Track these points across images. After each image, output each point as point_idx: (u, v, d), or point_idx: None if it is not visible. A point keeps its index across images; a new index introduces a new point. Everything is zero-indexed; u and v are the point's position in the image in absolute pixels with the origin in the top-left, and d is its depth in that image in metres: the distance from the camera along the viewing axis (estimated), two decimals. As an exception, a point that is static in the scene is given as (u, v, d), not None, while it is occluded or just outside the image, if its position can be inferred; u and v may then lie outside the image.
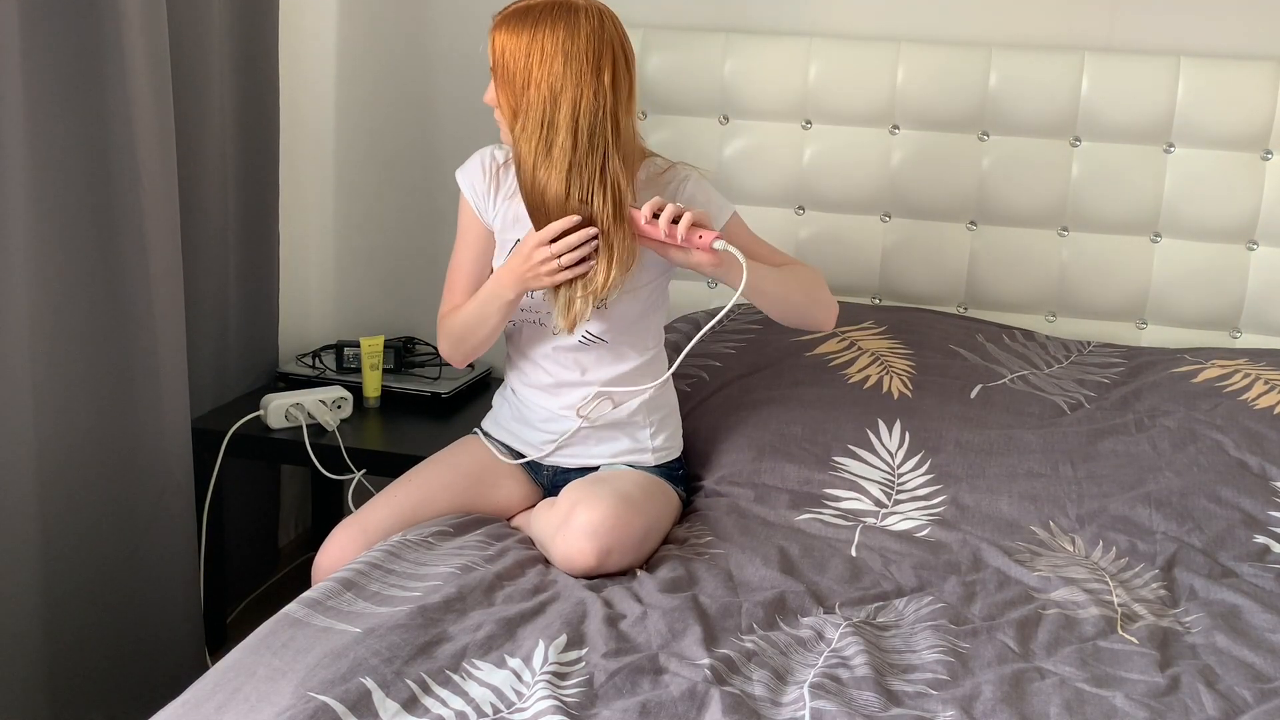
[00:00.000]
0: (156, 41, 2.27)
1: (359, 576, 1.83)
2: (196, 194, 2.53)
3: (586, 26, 1.95)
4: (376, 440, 2.62)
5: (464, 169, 2.19)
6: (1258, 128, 2.53)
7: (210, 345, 2.66)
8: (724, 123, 2.77)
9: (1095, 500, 2.17)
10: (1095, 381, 2.47)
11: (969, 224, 2.71)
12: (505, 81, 1.99)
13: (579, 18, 1.96)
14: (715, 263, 1.96)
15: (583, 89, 1.94)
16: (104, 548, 2.34)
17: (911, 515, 2.17)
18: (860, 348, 2.50)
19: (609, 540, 1.92)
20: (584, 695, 1.56)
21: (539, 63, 1.95)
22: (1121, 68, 2.58)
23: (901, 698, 1.61)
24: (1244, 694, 1.65)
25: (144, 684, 2.40)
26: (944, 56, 2.65)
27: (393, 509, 2.09)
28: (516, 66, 1.97)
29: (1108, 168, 2.62)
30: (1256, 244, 2.59)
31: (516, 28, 1.97)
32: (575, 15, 1.96)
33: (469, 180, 2.18)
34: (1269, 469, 2.18)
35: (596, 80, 1.94)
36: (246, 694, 1.52)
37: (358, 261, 3.11)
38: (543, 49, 1.95)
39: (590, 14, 1.97)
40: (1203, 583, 1.98)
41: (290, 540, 3.15)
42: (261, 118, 2.76)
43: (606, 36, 1.97)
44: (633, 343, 2.16)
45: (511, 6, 2.01)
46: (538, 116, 1.95)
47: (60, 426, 2.22)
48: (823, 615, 1.84)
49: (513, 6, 2.01)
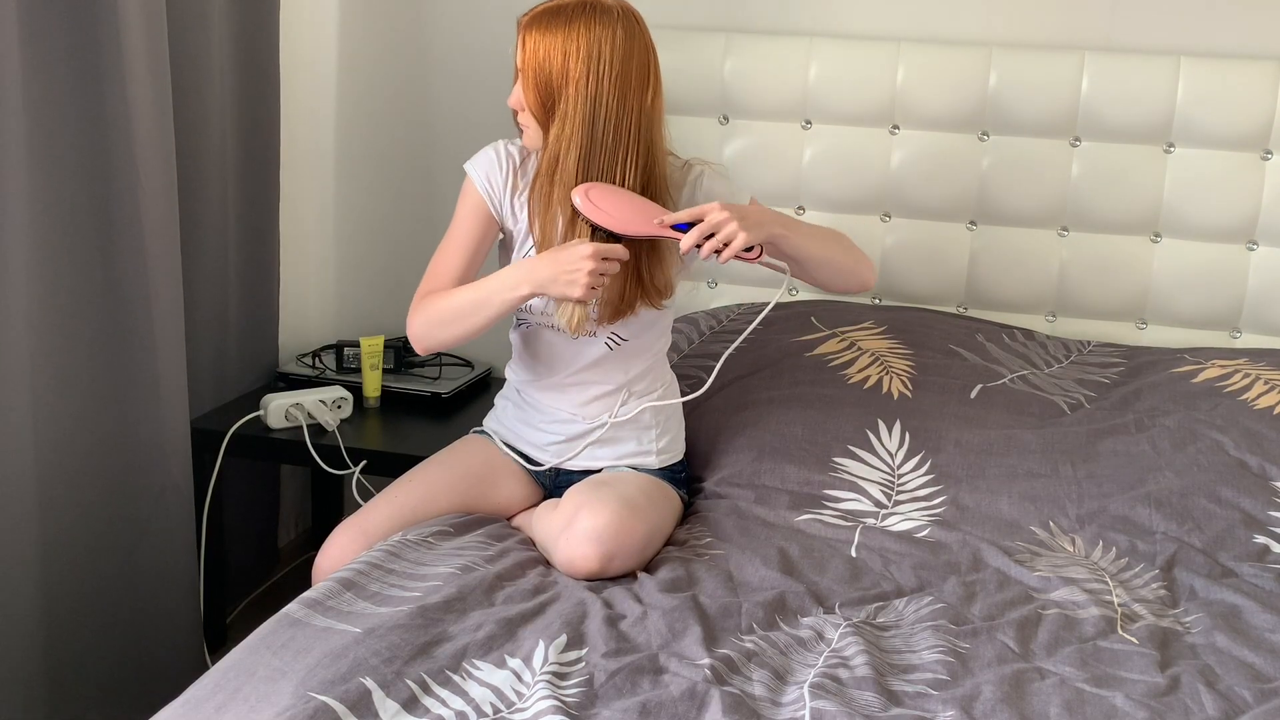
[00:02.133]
0: (156, 41, 2.26)
1: (359, 576, 1.83)
2: (196, 194, 2.53)
3: (622, 25, 1.97)
4: (376, 440, 2.62)
5: (476, 162, 2.15)
6: (1258, 128, 2.53)
7: (210, 345, 2.66)
8: (724, 123, 2.77)
9: (1095, 500, 2.17)
10: (1095, 381, 2.47)
11: (969, 224, 2.71)
12: (540, 82, 1.98)
13: (612, 15, 1.97)
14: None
15: (626, 90, 1.96)
16: (103, 548, 2.34)
17: (911, 516, 2.17)
18: (860, 348, 2.50)
19: (612, 545, 1.92)
20: (584, 695, 1.56)
21: (576, 61, 1.95)
22: (1121, 68, 2.58)
23: (901, 698, 1.61)
24: (1244, 694, 1.65)
25: (144, 684, 2.40)
26: (944, 56, 2.65)
27: (393, 509, 2.09)
28: (553, 65, 1.96)
29: (1108, 168, 2.62)
30: (1256, 244, 2.59)
31: (549, 26, 1.97)
32: (609, 13, 1.97)
33: (484, 173, 2.13)
34: (1269, 469, 2.18)
35: (635, 80, 1.97)
36: (246, 694, 1.52)
37: (358, 261, 3.11)
38: (579, 47, 1.95)
39: (622, 14, 1.99)
40: (1203, 583, 1.98)
41: (290, 540, 3.15)
42: (261, 118, 2.76)
43: (640, 37, 1.99)
44: (649, 344, 2.16)
45: (541, 6, 2.01)
46: (579, 116, 1.95)
47: (59, 427, 2.22)
48: (823, 615, 1.84)
49: (542, 6, 2.01)
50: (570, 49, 1.95)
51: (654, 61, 2.02)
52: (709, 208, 1.94)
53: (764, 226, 1.98)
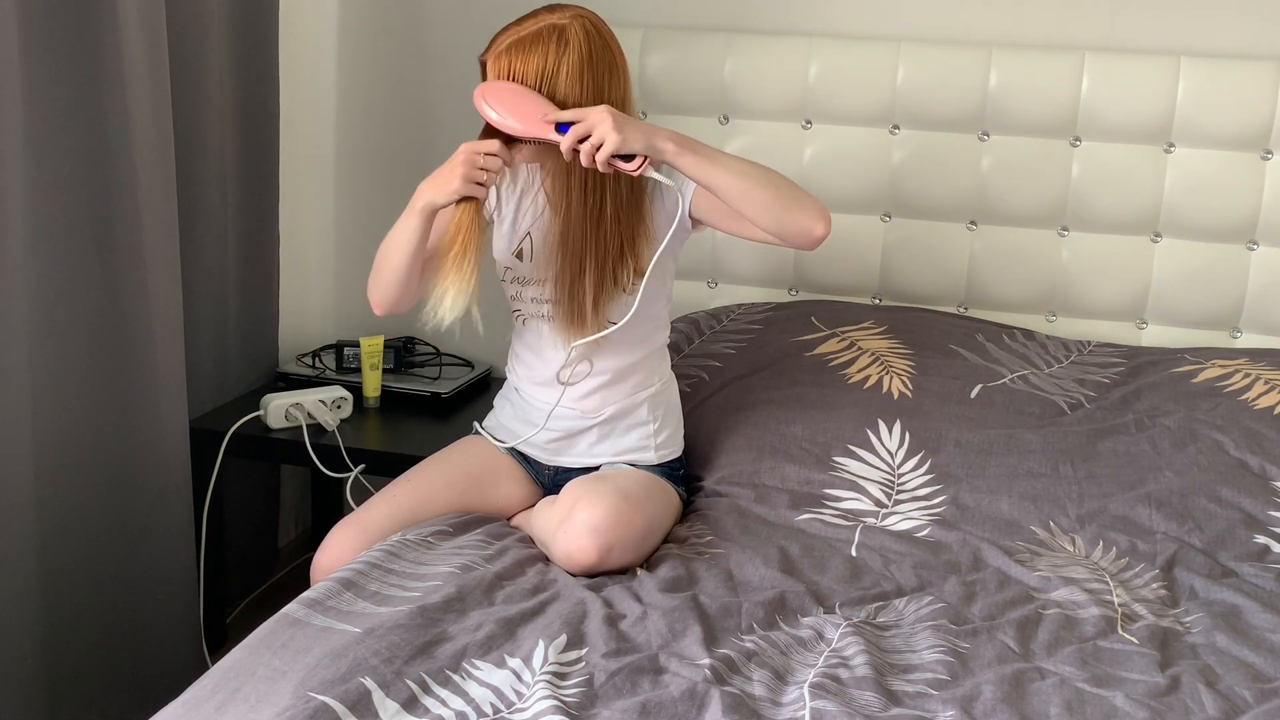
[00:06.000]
0: (155, 41, 2.26)
1: (359, 576, 1.83)
2: (196, 194, 2.53)
3: (580, 42, 1.98)
4: (376, 440, 2.61)
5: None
6: (1258, 128, 2.53)
7: (210, 345, 2.65)
8: (724, 123, 2.77)
9: (1095, 500, 2.17)
10: (1095, 381, 2.47)
11: (969, 224, 2.71)
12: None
13: (568, 35, 1.98)
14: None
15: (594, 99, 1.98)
16: (103, 548, 2.34)
17: (912, 515, 2.17)
18: (860, 348, 2.50)
19: (610, 537, 1.92)
20: (584, 695, 1.56)
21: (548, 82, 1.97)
22: (1121, 68, 2.58)
23: (901, 698, 1.61)
24: (1244, 694, 1.65)
25: (143, 684, 2.40)
26: (944, 56, 2.65)
27: (392, 508, 2.09)
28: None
29: (1108, 168, 2.62)
30: (1256, 244, 2.59)
31: (514, 55, 1.99)
32: (564, 34, 1.98)
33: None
34: (1269, 469, 2.18)
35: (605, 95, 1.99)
36: (246, 694, 1.52)
37: (358, 261, 3.10)
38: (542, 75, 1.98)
39: (579, 28, 1.99)
40: (1203, 583, 1.98)
41: (290, 540, 3.15)
42: (261, 118, 2.76)
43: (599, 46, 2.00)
44: (643, 335, 2.16)
45: (502, 41, 2.01)
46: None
47: (58, 427, 2.22)
48: (823, 615, 1.84)
49: (503, 41, 2.01)
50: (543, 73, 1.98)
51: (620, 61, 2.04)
52: (592, 110, 1.93)
53: (646, 135, 1.92)
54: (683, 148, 1.94)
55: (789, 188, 2.01)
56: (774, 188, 1.99)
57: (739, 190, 1.97)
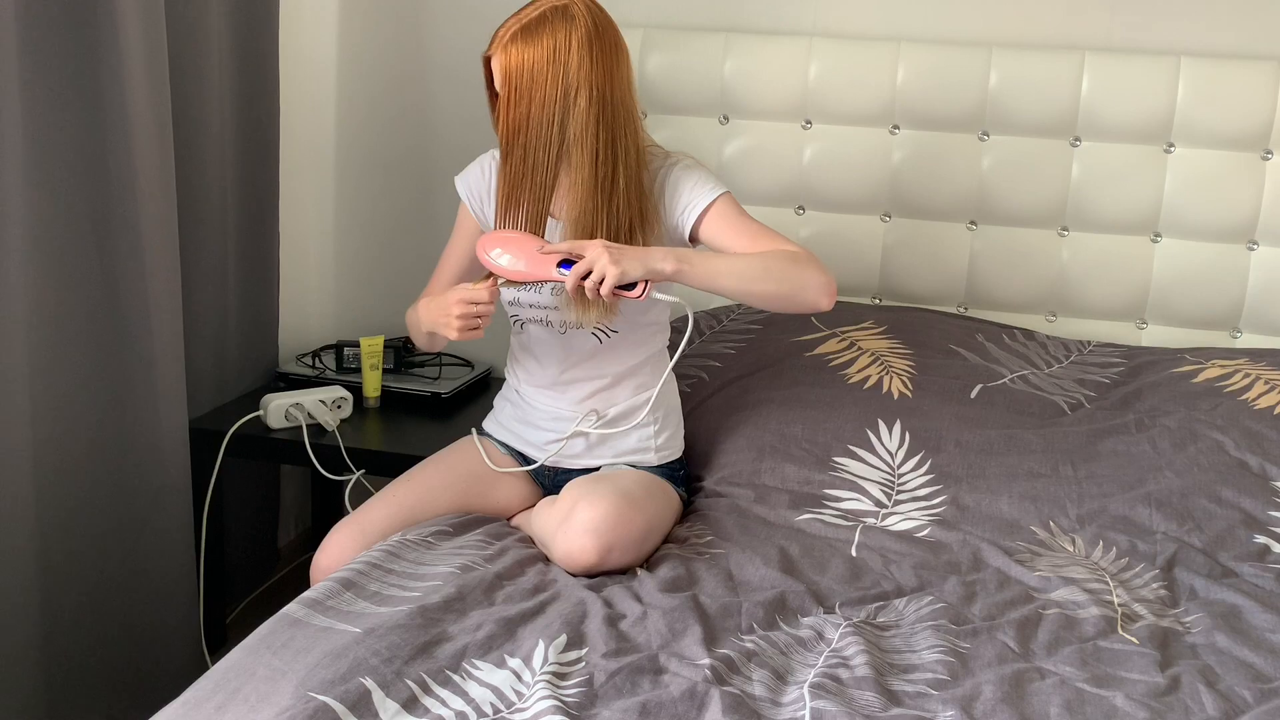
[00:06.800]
0: (154, 41, 2.26)
1: (359, 576, 1.83)
2: (195, 194, 2.53)
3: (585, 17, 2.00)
4: (376, 440, 2.61)
5: (463, 175, 2.23)
6: (1258, 128, 2.53)
7: (210, 345, 2.65)
8: (724, 123, 2.77)
9: (1095, 500, 2.17)
10: (1095, 381, 2.47)
11: (969, 224, 2.71)
12: (523, 93, 1.99)
13: (572, 11, 1.99)
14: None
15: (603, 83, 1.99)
16: (103, 548, 2.34)
17: (912, 515, 2.17)
18: (860, 348, 2.50)
19: (610, 537, 1.92)
20: (584, 695, 1.56)
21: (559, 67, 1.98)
22: (1121, 68, 2.58)
23: (901, 698, 1.61)
24: (1244, 694, 1.65)
25: (143, 684, 2.40)
26: (944, 56, 2.65)
27: (392, 509, 2.09)
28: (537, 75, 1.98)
29: (1108, 168, 2.62)
30: (1256, 244, 2.59)
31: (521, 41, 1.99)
32: (569, 11, 1.99)
33: (466, 184, 2.22)
34: (1269, 469, 2.18)
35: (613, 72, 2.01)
36: (246, 694, 1.52)
37: (358, 262, 3.11)
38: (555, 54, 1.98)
39: (582, 5, 2.01)
40: (1203, 583, 1.98)
41: (290, 540, 3.15)
42: (261, 118, 2.76)
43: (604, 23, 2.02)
44: (643, 338, 2.16)
45: (506, 32, 2.02)
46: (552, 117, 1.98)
47: (58, 427, 2.22)
48: (823, 615, 1.84)
49: (508, 31, 2.01)
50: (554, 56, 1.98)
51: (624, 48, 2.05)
52: (588, 244, 1.93)
53: (643, 262, 1.91)
54: (680, 263, 1.94)
55: (792, 272, 1.99)
56: (775, 281, 1.99)
57: (742, 292, 2.00)
